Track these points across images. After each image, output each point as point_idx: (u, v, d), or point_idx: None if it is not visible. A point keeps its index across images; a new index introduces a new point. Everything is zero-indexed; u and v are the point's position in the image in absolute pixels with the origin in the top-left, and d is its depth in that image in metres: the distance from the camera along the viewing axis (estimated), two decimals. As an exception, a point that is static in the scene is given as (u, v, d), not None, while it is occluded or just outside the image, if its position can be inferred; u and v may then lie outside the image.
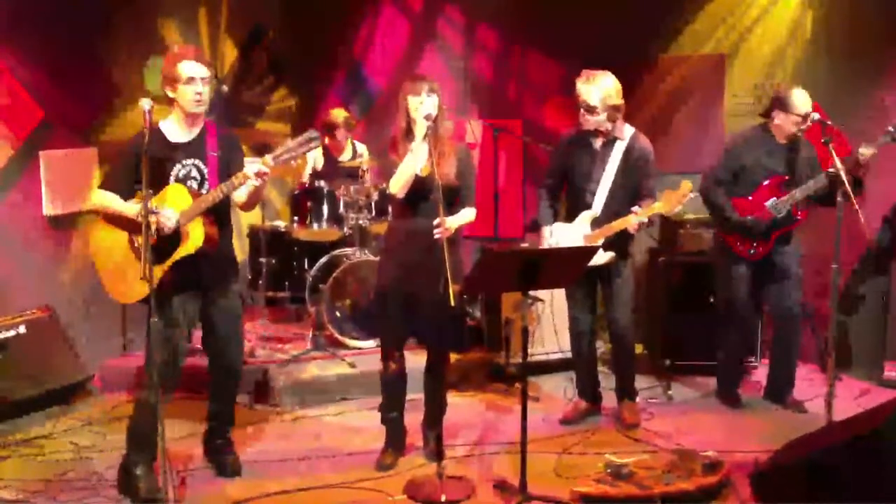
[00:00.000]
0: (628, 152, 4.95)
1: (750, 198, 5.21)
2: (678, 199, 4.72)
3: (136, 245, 4.16)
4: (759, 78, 6.42)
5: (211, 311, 4.34)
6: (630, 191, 4.95)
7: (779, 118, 5.15)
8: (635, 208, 4.80)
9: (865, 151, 4.87)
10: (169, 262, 4.07)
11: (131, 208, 4.09)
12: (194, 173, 4.21)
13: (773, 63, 6.48)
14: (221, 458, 4.57)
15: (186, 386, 5.40)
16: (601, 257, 4.90)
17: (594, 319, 5.27)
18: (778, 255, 5.26)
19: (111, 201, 4.15)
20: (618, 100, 4.89)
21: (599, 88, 4.86)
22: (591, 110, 4.88)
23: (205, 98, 4.15)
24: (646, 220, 4.80)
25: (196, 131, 4.22)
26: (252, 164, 4.05)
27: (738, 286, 5.33)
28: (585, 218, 4.99)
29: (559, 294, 6.02)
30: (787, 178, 5.17)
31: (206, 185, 4.22)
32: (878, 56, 5.97)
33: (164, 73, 4.18)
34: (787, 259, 5.27)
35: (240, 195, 4.22)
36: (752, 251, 5.25)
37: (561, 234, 5.05)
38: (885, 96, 4.87)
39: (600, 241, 4.84)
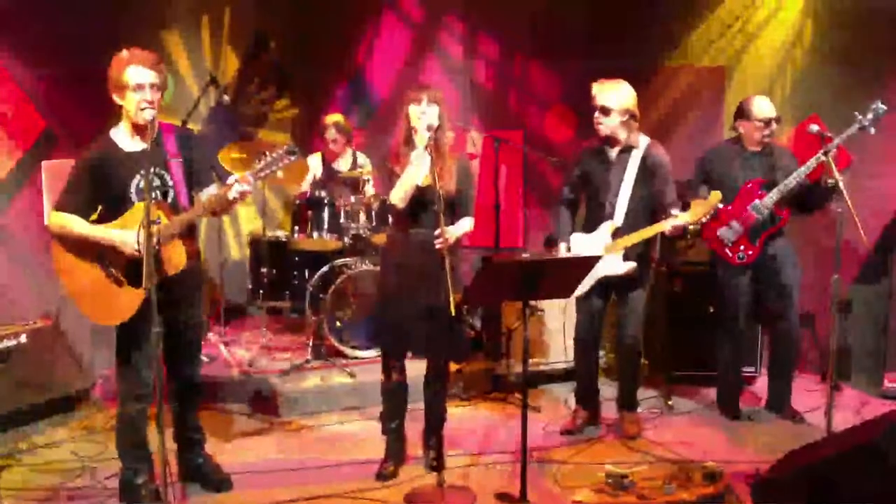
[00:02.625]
0: (644, 161, 4.96)
1: (730, 207, 5.23)
2: (707, 208, 4.72)
3: (108, 268, 3.99)
4: (760, 88, 6.43)
5: (178, 325, 4.16)
6: (649, 200, 4.96)
7: (742, 126, 5.26)
8: (675, 211, 4.78)
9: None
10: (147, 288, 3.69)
11: (101, 231, 3.93)
12: (156, 183, 3.97)
13: (774, 73, 6.49)
14: (208, 475, 4.46)
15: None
16: (621, 267, 4.92)
17: (601, 329, 5.28)
18: (772, 263, 5.27)
19: (73, 223, 3.94)
20: (633, 106, 4.91)
21: (615, 92, 4.90)
22: (605, 112, 4.90)
23: (155, 104, 3.91)
24: (681, 223, 4.75)
25: (151, 137, 3.88)
26: (236, 186, 3.88)
27: (734, 296, 5.34)
28: (606, 228, 4.99)
29: (559, 304, 6.04)
30: (765, 180, 5.20)
31: (172, 194, 4.04)
32: (878, 65, 5.98)
33: (111, 79, 3.93)
34: (782, 268, 5.28)
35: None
36: (741, 256, 5.26)
37: (581, 245, 5.06)
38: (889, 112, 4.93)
39: (621, 251, 4.90)
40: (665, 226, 4.76)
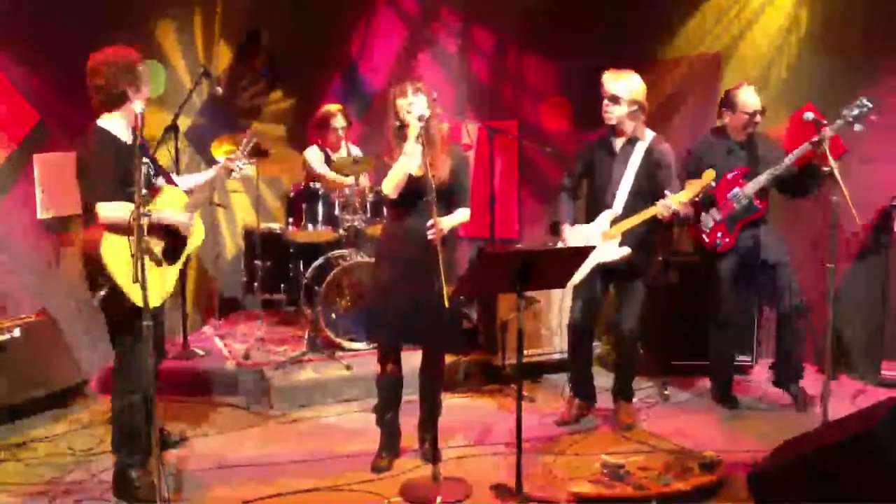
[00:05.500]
0: (648, 154, 4.95)
1: (714, 192, 5.25)
2: (701, 186, 4.73)
3: (152, 251, 4.15)
4: (756, 76, 6.42)
5: (160, 316, 4.50)
6: (650, 193, 4.93)
7: (727, 117, 5.30)
8: (668, 192, 4.76)
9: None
10: (181, 261, 4.32)
11: (165, 214, 4.20)
12: (151, 170, 4.30)
13: (770, 59, 6.46)
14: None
15: (176, 389, 5.43)
16: (616, 252, 4.91)
17: (596, 318, 5.27)
18: (757, 249, 5.30)
19: (129, 210, 3.93)
20: (642, 97, 4.92)
21: (626, 81, 4.91)
22: (614, 100, 4.90)
23: None
24: (672, 206, 4.70)
25: (141, 129, 4.01)
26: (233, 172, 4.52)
27: (721, 283, 5.34)
28: (605, 217, 4.99)
29: (556, 294, 6.03)
30: (747, 169, 5.25)
31: (161, 180, 4.36)
32: (873, 54, 5.95)
33: (127, 71, 4.12)
34: (769, 252, 5.31)
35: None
36: (718, 242, 5.28)
37: (581, 234, 5.05)
38: (883, 99, 4.91)
39: (617, 237, 4.90)
40: (658, 208, 4.75)
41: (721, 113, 5.35)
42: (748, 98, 5.22)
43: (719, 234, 5.28)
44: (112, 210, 3.98)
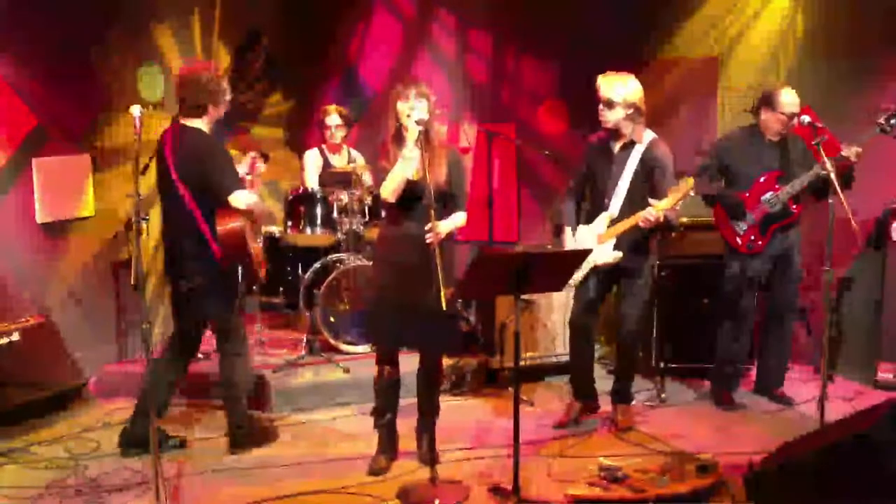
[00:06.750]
0: (645, 156, 4.95)
1: (747, 194, 5.27)
2: (681, 194, 4.71)
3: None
4: (753, 80, 6.43)
5: None
6: (647, 194, 4.93)
7: (765, 115, 5.27)
8: (652, 200, 4.76)
9: (850, 152, 4.89)
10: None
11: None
12: None
13: (766, 65, 6.48)
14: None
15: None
16: (608, 255, 4.92)
17: (597, 320, 5.27)
18: (787, 253, 5.34)
19: (253, 196, 4.63)
20: (638, 101, 4.90)
21: (621, 85, 4.88)
22: (609, 104, 4.89)
23: None
24: (653, 214, 4.69)
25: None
26: None
27: (741, 285, 5.36)
28: (602, 219, 5.00)
29: (556, 296, 6.04)
30: (781, 172, 5.23)
31: None
32: (869, 57, 5.97)
33: (219, 90, 4.68)
34: (794, 258, 5.36)
35: None
36: (750, 245, 5.29)
37: (581, 236, 5.07)
38: (880, 102, 4.94)
39: (611, 241, 4.91)
40: (640, 216, 4.76)
41: (758, 111, 5.31)
42: (789, 99, 5.18)
43: (752, 237, 5.29)
44: (252, 199, 4.57)
